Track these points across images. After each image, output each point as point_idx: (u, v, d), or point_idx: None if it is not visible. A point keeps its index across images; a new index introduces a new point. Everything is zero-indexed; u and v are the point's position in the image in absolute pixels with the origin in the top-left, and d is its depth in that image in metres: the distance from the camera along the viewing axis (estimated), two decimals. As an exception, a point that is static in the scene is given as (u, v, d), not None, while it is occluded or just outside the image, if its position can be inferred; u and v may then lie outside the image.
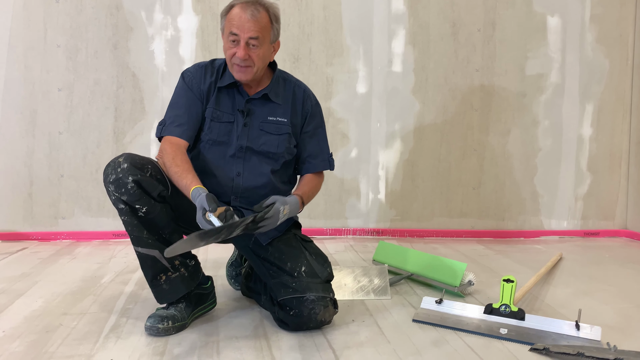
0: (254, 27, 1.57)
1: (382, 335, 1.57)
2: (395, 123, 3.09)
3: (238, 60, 1.58)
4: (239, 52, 1.57)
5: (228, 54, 1.61)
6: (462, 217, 3.18)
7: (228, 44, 1.60)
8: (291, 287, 1.57)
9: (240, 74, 1.62)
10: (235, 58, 1.59)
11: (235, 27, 1.57)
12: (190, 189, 1.47)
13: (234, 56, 1.59)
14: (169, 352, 1.42)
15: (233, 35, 1.58)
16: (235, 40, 1.58)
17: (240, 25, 1.56)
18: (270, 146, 1.70)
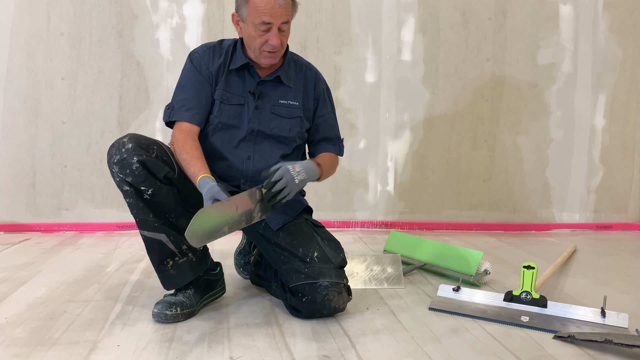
0: (285, 12, 1.52)
1: (399, 323, 1.51)
2: (405, 113, 3.04)
3: (271, 47, 1.53)
4: (273, 40, 1.52)
5: (257, 42, 1.54)
6: (472, 209, 3.12)
7: (257, 33, 1.53)
8: (303, 273, 1.51)
9: (270, 59, 1.58)
10: (267, 46, 1.54)
11: (267, 15, 1.50)
12: (197, 178, 1.42)
13: (265, 44, 1.54)
14: (178, 338, 1.36)
15: (265, 24, 1.51)
16: (267, 28, 1.52)
17: (273, 12, 1.50)
18: (282, 130, 1.64)
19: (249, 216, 1.40)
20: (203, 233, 1.27)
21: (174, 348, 1.30)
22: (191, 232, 1.23)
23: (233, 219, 1.35)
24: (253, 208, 1.41)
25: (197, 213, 1.25)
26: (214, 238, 1.31)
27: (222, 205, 1.30)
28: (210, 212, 1.28)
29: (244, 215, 1.39)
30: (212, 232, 1.30)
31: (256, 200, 1.42)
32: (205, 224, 1.27)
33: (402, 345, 1.34)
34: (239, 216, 1.37)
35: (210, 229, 1.29)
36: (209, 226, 1.28)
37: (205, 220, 1.27)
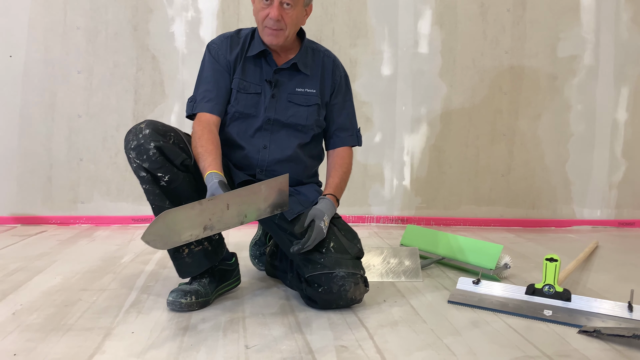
0: None
1: (417, 315, 1.47)
2: (421, 106, 2.99)
3: (271, 22, 1.51)
4: (272, 12, 1.49)
5: (260, 15, 1.53)
6: (490, 205, 3.06)
7: (260, 5, 1.52)
8: (319, 263, 1.48)
9: (272, 37, 1.54)
10: (267, 20, 1.51)
11: None
12: (205, 173, 1.41)
13: (266, 18, 1.51)
14: (192, 327, 1.34)
15: None
16: (270, 2, 1.50)
17: None
18: (298, 118, 1.62)
19: (251, 213, 1.35)
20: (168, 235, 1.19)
21: (188, 336, 1.28)
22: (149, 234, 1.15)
23: (216, 219, 1.27)
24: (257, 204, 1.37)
25: (160, 215, 1.18)
26: (186, 240, 1.24)
27: (199, 205, 1.23)
28: (179, 213, 1.20)
29: (242, 213, 1.33)
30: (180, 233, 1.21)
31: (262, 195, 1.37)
32: (172, 226, 1.19)
33: (421, 337, 1.31)
34: (233, 213, 1.30)
35: (178, 231, 1.20)
36: (177, 228, 1.20)
37: (170, 222, 1.19)
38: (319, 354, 1.18)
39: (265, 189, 1.38)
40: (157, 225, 1.16)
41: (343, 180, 1.66)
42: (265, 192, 1.38)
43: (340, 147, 1.71)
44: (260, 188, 1.36)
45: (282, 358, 1.16)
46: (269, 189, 1.38)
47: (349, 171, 1.70)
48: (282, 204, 1.44)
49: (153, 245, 1.17)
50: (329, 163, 1.71)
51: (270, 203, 1.40)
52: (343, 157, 1.70)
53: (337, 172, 1.66)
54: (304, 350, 1.20)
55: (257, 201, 1.36)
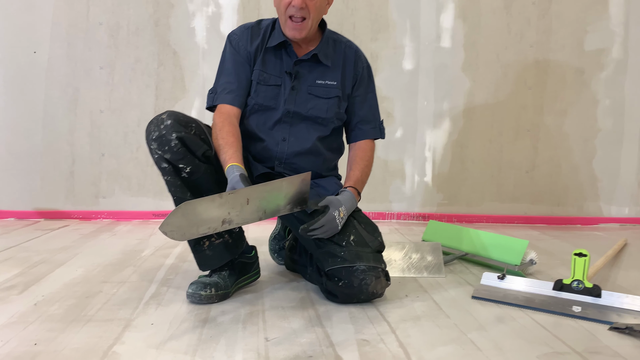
0: None
1: (440, 310, 1.44)
2: (444, 101, 2.94)
3: (294, 10, 1.48)
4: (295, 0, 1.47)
5: (282, 4, 1.50)
6: (514, 202, 3.00)
7: None
8: (339, 257, 1.46)
9: (295, 31, 1.52)
10: (290, 8, 1.49)
11: None
12: (226, 166, 1.40)
13: (289, 6, 1.49)
14: (212, 319, 1.33)
15: None
16: None
17: None
18: (319, 111, 1.60)
19: (269, 210, 1.33)
20: (187, 227, 1.17)
21: (208, 328, 1.26)
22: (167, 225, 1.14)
23: (235, 213, 1.25)
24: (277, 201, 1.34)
25: (180, 205, 1.16)
26: (204, 233, 1.22)
27: (220, 198, 1.21)
28: (198, 205, 1.18)
29: (261, 209, 1.30)
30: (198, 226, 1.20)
31: (283, 193, 1.34)
32: (190, 218, 1.17)
33: (444, 332, 1.28)
34: (252, 209, 1.28)
35: (197, 223, 1.19)
36: (195, 220, 1.18)
37: (189, 214, 1.17)
38: (340, 347, 1.16)
39: (287, 186, 1.35)
40: (176, 216, 1.15)
41: (364, 173, 1.63)
42: (286, 188, 1.35)
43: (363, 140, 1.68)
44: (281, 184, 1.34)
45: (302, 351, 1.13)
46: (290, 186, 1.36)
47: (370, 164, 1.67)
48: (302, 201, 1.41)
49: (170, 236, 1.16)
50: (350, 156, 1.68)
51: (290, 200, 1.37)
52: (365, 150, 1.67)
53: (359, 165, 1.63)
54: (325, 343, 1.18)
55: (277, 198, 1.34)
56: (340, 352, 1.13)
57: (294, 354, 1.12)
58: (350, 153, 1.69)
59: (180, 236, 1.17)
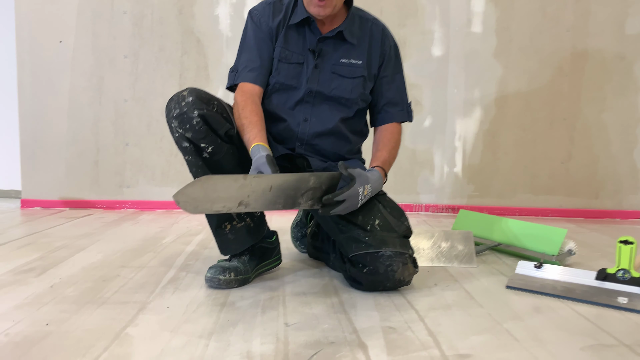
0: None
1: (472, 299, 1.35)
2: (475, 89, 2.83)
3: None
4: None
5: None
6: (548, 194, 2.87)
7: None
8: (364, 242, 1.38)
9: (319, 8, 1.44)
10: None
11: None
12: (250, 145, 1.33)
13: None
14: (230, 303, 1.27)
15: None
16: None
17: None
18: (342, 91, 1.52)
19: (288, 201, 1.26)
20: (202, 200, 1.11)
21: (225, 312, 1.20)
22: (182, 194, 1.08)
23: (254, 197, 1.18)
24: (298, 194, 1.26)
25: (201, 178, 1.10)
26: (217, 210, 1.15)
27: (243, 180, 1.15)
28: (220, 182, 1.12)
29: (281, 198, 1.24)
30: (214, 202, 1.13)
31: (307, 187, 1.27)
32: (208, 192, 1.11)
33: (477, 321, 1.19)
34: (272, 197, 1.21)
35: (213, 199, 1.12)
36: (212, 196, 1.12)
37: (208, 188, 1.11)
38: (364, 334, 1.08)
39: (314, 181, 1.28)
40: (194, 187, 1.09)
41: (392, 155, 1.55)
42: (313, 184, 1.28)
43: (389, 123, 1.60)
44: (309, 178, 1.27)
45: (324, 336, 1.06)
46: (318, 182, 1.29)
47: (397, 148, 1.59)
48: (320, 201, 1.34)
49: (183, 207, 1.10)
50: (376, 139, 1.60)
51: (312, 197, 1.30)
52: (392, 132, 1.59)
53: (386, 146, 1.54)
54: (348, 329, 1.11)
55: (301, 191, 1.27)
56: (365, 339, 1.05)
57: (315, 339, 1.05)
58: (375, 136, 1.61)
59: (192, 208, 1.11)
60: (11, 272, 1.50)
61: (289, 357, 0.96)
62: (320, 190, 1.31)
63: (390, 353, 0.99)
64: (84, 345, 0.99)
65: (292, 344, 1.02)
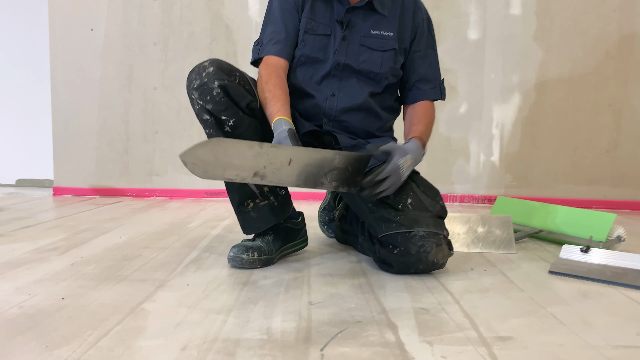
0: None
1: (512, 283, 1.25)
2: (513, 74, 2.70)
3: None
4: None
5: None
6: (592, 184, 2.71)
7: None
8: (395, 222, 1.30)
9: None
10: None
11: None
12: (273, 119, 1.26)
13: None
14: (252, 282, 1.21)
15: None
16: None
17: None
18: (372, 64, 1.44)
19: (310, 179, 1.17)
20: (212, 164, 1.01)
21: (247, 290, 1.14)
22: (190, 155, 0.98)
23: (271, 170, 1.09)
24: (321, 173, 1.18)
25: (213, 139, 1.01)
26: (229, 178, 1.06)
27: (259, 148, 1.06)
28: (232, 146, 1.03)
29: (302, 175, 1.14)
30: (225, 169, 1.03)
31: (332, 166, 1.18)
32: (220, 157, 1.01)
33: (518, 304, 1.09)
34: (292, 171, 1.12)
35: (224, 165, 1.02)
36: (224, 161, 1.02)
37: (220, 152, 1.02)
38: (394, 314, 1.00)
39: (340, 160, 1.19)
40: (204, 148, 1.00)
41: (428, 129, 1.45)
42: (338, 163, 1.19)
43: (422, 100, 1.50)
44: (334, 156, 1.18)
45: (350, 316, 0.99)
46: (343, 162, 1.20)
47: (432, 123, 1.50)
48: (352, 183, 1.26)
49: (190, 169, 1.01)
50: (408, 116, 1.51)
51: (337, 177, 1.21)
52: (427, 109, 1.49)
53: (421, 121, 1.45)
54: (376, 309, 1.03)
55: (325, 169, 1.18)
56: (394, 319, 0.97)
57: (340, 318, 0.97)
58: (407, 114, 1.52)
59: (201, 172, 1.02)
60: (35, 251, 1.49)
61: (312, 334, 0.89)
62: (347, 171, 1.22)
63: (422, 333, 0.90)
64: (98, 319, 0.95)
65: (316, 322, 0.95)
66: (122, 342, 0.84)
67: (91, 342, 0.84)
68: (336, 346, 0.84)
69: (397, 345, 0.85)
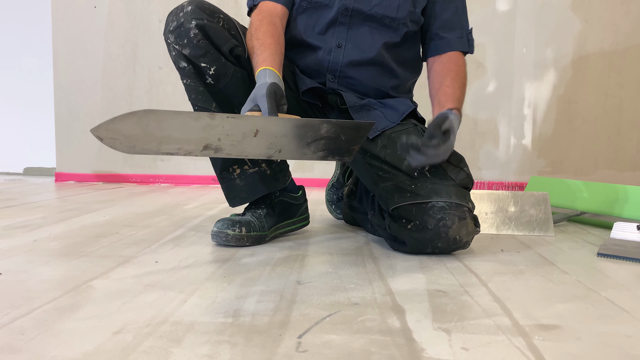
0: None
1: (552, 265, 1.02)
2: (547, 48, 2.45)
3: None
4: None
5: None
6: (636, 169, 2.43)
7: None
8: (409, 191, 1.08)
9: None
10: None
11: None
12: (257, 70, 1.05)
13: None
14: (235, 259, 1.01)
15: None
16: None
17: None
18: (386, 8, 1.21)
19: (286, 150, 0.94)
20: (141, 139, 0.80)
21: (225, 268, 0.94)
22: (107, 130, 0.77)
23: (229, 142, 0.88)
24: (303, 143, 0.95)
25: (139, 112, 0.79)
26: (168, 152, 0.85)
27: (210, 119, 0.84)
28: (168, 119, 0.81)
29: (275, 146, 0.92)
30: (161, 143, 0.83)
31: (318, 136, 0.95)
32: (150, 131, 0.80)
33: (562, 288, 0.86)
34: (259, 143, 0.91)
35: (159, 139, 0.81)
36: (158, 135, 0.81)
37: (149, 126, 0.80)
38: (402, 296, 0.79)
39: (329, 130, 0.95)
40: (125, 123, 0.77)
41: (463, 93, 1.21)
42: (327, 133, 0.95)
43: (448, 52, 1.26)
44: (321, 125, 0.94)
45: (345, 297, 0.78)
46: (335, 131, 0.96)
47: (466, 83, 1.24)
48: (345, 152, 1.01)
49: (109, 144, 0.80)
50: (435, 73, 1.25)
51: (326, 147, 0.98)
52: (457, 63, 1.24)
53: (455, 81, 1.20)
54: (380, 291, 0.82)
55: (306, 139, 0.95)
56: (402, 302, 0.76)
57: (332, 300, 0.76)
58: (433, 69, 1.26)
59: (126, 148, 0.81)
60: (2, 227, 1.32)
61: (291, 318, 0.68)
62: (338, 140, 0.98)
63: (436, 319, 0.69)
64: (28, 296, 0.76)
65: (300, 304, 0.74)
66: (42, 324, 0.65)
67: (4, 322, 0.65)
68: (320, 333, 0.63)
69: (402, 333, 0.64)
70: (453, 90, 1.18)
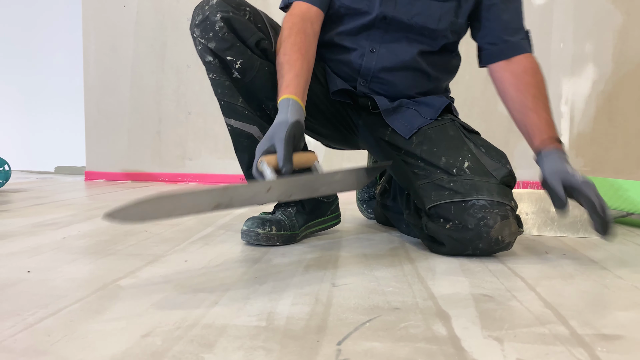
0: None
1: (604, 269, 0.95)
2: (586, 42, 2.35)
3: None
4: None
5: None
6: (683, 169, 2.32)
7: None
8: (447, 189, 1.03)
9: None
10: None
11: None
12: (280, 97, 1.00)
13: None
14: (266, 260, 0.97)
15: None
16: None
17: None
18: (427, 18, 1.12)
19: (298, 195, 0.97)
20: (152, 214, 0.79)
21: (255, 269, 0.91)
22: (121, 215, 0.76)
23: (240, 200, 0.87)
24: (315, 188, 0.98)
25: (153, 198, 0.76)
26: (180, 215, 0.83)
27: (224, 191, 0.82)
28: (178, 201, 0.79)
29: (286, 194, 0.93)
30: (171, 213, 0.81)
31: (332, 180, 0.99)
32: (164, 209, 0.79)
33: (619, 295, 0.79)
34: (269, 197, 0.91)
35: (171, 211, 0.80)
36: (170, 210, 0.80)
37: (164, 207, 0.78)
38: (445, 300, 0.74)
39: (343, 176, 1.00)
40: (140, 207, 0.76)
41: (549, 109, 1.13)
42: (340, 178, 1.00)
43: (520, 54, 1.14)
44: (333, 177, 0.99)
45: (384, 301, 0.73)
46: (349, 177, 1.01)
47: (546, 90, 1.14)
48: (359, 185, 1.11)
49: (120, 223, 0.79)
50: (507, 85, 1.14)
51: (341, 187, 1.04)
52: (531, 70, 1.13)
53: (537, 100, 1.10)
54: (421, 295, 0.76)
55: (317, 187, 0.98)
56: (446, 307, 0.71)
57: (371, 304, 0.72)
58: (504, 80, 1.15)
59: (138, 220, 0.79)
60: (32, 225, 1.31)
61: (328, 323, 0.64)
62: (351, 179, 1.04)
63: (486, 327, 0.64)
64: (55, 295, 0.74)
65: (337, 307, 0.70)
66: (69, 325, 0.62)
67: (30, 323, 0.63)
68: (360, 340, 0.59)
69: (450, 341, 0.59)
70: (538, 115, 1.11)
